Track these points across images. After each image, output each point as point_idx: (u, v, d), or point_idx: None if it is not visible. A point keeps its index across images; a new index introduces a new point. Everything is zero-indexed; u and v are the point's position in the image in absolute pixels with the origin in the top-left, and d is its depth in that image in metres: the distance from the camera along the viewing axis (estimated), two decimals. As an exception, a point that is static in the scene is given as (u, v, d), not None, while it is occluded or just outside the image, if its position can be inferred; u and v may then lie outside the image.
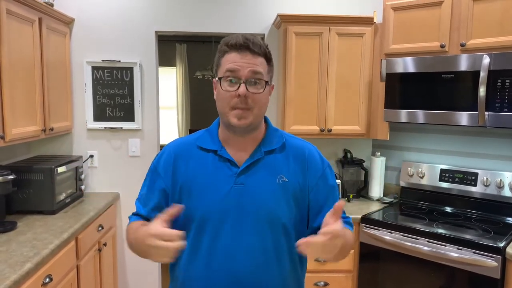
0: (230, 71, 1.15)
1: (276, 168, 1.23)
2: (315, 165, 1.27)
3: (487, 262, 2.04)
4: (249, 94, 1.15)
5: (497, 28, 2.25)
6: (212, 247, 1.19)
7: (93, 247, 2.50)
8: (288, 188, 1.22)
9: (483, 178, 2.56)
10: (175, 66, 6.62)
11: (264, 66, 1.18)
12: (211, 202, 1.19)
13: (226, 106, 1.17)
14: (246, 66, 1.14)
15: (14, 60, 2.15)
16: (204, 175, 1.22)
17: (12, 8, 2.12)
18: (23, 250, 1.86)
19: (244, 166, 1.21)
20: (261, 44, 1.18)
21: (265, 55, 1.18)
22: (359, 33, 2.73)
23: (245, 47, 1.15)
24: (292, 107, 2.76)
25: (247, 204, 1.19)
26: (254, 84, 1.16)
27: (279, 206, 1.21)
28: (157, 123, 3.10)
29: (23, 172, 2.39)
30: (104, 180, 3.06)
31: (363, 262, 2.53)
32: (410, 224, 2.36)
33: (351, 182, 3.06)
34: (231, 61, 1.15)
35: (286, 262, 1.24)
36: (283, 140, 1.28)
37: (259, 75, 1.16)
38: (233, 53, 1.16)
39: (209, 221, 1.19)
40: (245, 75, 1.14)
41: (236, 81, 1.15)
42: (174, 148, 1.29)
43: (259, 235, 1.18)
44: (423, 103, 2.46)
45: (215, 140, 1.26)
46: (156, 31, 3.01)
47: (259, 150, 1.24)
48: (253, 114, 1.17)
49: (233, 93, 1.15)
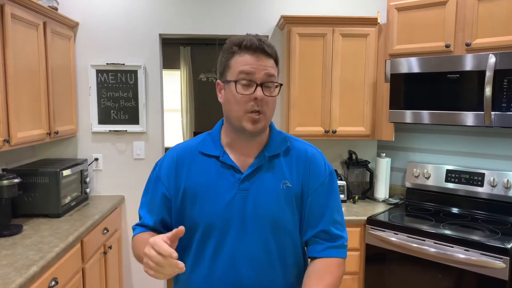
0: (245, 73, 1.11)
1: (280, 173, 1.21)
2: (317, 170, 1.24)
3: (495, 263, 2.02)
4: (264, 97, 1.12)
5: (502, 27, 2.24)
6: (217, 253, 1.17)
7: (98, 250, 2.51)
8: (292, 193, 1.20)
9: (489, 178, 2.53)
10: (179, 69, 6.64)
11: (275, 69, 1.16)
12: (215, 209, 1.17)
13: (240, 109, 1.13)
14: (262, 69, 1.12)
15: (19, 64, 2.16)
16: (207, 181, 1.19)
17: (17, 12, 2.13)
18: (28, 253, 1.86)
19: (248, 173, 1.19)
20: (272, 46, 1.16)
21: (276, 57, 1.17)
22: (363, 34, 2.72)
23: (260, 49, 1.12)
24: (296, 109, 2.75)
25: (251, 210, 1.17)
26: (269, 87, 1.13)
27: (283, 212, 1.19)
28: (162, 125, 3.10)
29: (28, 175, 2.40)
30: (109, 183, 3.07)
31: (369, 264, 2.51)
32: (416, 225, 2.35)
33: (356, 184, 3.04)
34: (245, 63, 1.12)
35: (291, 268, 1.23)
36: (287, 144, 1.25)
37: (273, 78, 1.14)
38: (246, 55, 1.12)
39: (214, 228, 1.17)
40: (260, 78, 1.11)
41: (250, 83, 1.11)
42: (175, 154, 1.26)
43: (263, 241, 1.17)
44: (428, 104, 2.44)
45: (217, 145, 1.23)
46: (160, 34, 3.01)
47: (263, 155, 1.21)
48: (265, 118, 1.15)
49: (248, 96, 1.12)
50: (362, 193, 3.02)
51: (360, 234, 2.53)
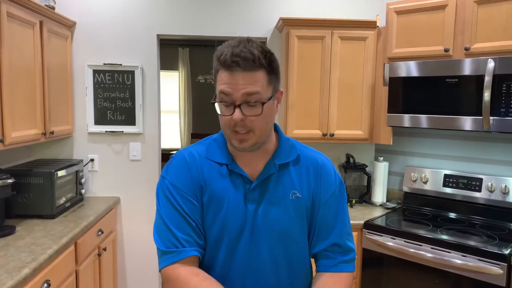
0: (224, 93, 1.03)
1: (290, 183, 1.17)
2: (328, 180, 1.20)
3: (492, 269, 2.00)
4: (246, 117, 1.04)
5: (502, 32, 2.23)
6: (227, 264, 1.15)
7: (92, 252, 2.48)
8: (301, 204, 1.17)
9: (487, 183, 2.52)
10: (178, 70, 6.62)
11: (262, 80, 1.04)
12: (225, 220, 1.14)
13: (226, 129, 1.09)
14: (240, 88, 1.01)
15: (15, 63, 2.14)
16: (217, 191, 1.14)
17: (13, 11, 2.11)
18: (21, 255, 1.84)
19: (257, 182, 1.15)
20: (255, 56, 1.01)
21: (262, 66, 1.03)
22: (362, 37, 2.71)
23: (235, 64, 1.00)
24: (294, 111, 2.74)
25: (261, 221, 1.14)
26: (252, 106, 1.04)
27: (292, 222, 1.17)
28: (159, 127, 3.08)
29: (22, 176, 2.38)
30: (105, 184, 3.04)
31: (366, 268, 2.49)
32: (414, 230, 2.33)
33: (354, 187, 3.03)
34: (223, 82, 1.03)
35: (298, 278, 1.21)
36: (297, 152, 1.21)
37: (255, 96, 1.03)
38: (223, 71, 1.03)
39: (224, 239, 1.14)
40: (239, 98, 1.02)
41: (230, 104, 1.04)
42: (187, 158, 1.17)
43: (272, 251, 1.15)
44: (427, 108, 2.43)
45: (224, 153, 1.17)
46: (157, 35, 3.00)
47: (273, 163, 1.16)
48: (255, 135, 1.08)
49: (230, 117, 1.05)
50: (359, 197, 3.00)
51: (357, 239, 2.51)
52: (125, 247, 3.08)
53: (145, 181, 3.05)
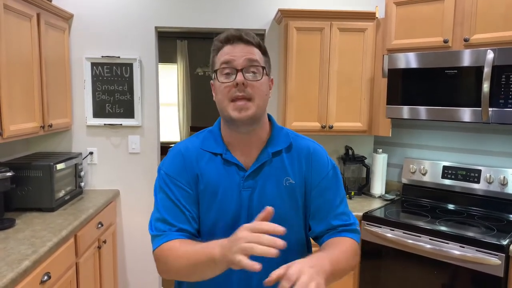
0: (225, 62, 1.11)
1: (283, 170, 1.20)
2: (320, 165, 1.24)
3: (491, 260, 2.02)
4: (247, 82, 1.10)
5: (501, 22, 2.22)
6: None
7: (92, 245, 2.49)
8: (295, 189, 1.20)
9: (486, 175, 2.53)
10: (176, 63, 6.59)
11: (260, 56, 1.15)
12: (220, 207, 1.16)
13: (224, 99, 1.12)
14: (241, 55, 1.11)
15: (12, 56, 2.13)
16: (213, 179, 1.17)
17: (10, 3, 2.09)
18: (21, 248, 1.84)
19: (251, 170, 1.17)
20: (253, 35, 1.15)
21: (259, 46, 1.15)
22: (361, 28, 2.70)
23: (237, 37, 1.12)
24: (293, 103, 2.73)
25: (256, 208, 1.15)
26: (252, 72, 1.11)
27: (287, 209, 1.19)
28: (157, 119, 3.08)
29: (21, 169, 2.38)
30: (104, 177, 3.05)
31: (365, 259, 2.50)
32: (412, 222, 2.34)
33: (353, 179, 3.03)
34: (225, 54, 1.12)
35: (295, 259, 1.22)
36: (289, 140, 1.23)
37: (256, 62, 1.12)
38: (226, 47, 1.13)
39: (220, 227, 1.16)
40: (240, 64, 1.10)
41: (232, 71, 1.11)
42: (183, 151, 1.21)
43: None
44: (426, 99, 2.43)
45: (219, 143, 1.20)
46: (156, 27, 2.98)
47: (266, 151, 1.20)
48: (254, 104, 1.11)
49: (230, 84, 1.10)
50: (358, 189, 3.01)
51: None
52: (125, 239, 3.09)
53: (144, 174, 3.06)
